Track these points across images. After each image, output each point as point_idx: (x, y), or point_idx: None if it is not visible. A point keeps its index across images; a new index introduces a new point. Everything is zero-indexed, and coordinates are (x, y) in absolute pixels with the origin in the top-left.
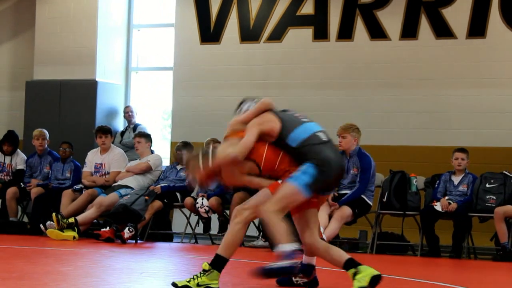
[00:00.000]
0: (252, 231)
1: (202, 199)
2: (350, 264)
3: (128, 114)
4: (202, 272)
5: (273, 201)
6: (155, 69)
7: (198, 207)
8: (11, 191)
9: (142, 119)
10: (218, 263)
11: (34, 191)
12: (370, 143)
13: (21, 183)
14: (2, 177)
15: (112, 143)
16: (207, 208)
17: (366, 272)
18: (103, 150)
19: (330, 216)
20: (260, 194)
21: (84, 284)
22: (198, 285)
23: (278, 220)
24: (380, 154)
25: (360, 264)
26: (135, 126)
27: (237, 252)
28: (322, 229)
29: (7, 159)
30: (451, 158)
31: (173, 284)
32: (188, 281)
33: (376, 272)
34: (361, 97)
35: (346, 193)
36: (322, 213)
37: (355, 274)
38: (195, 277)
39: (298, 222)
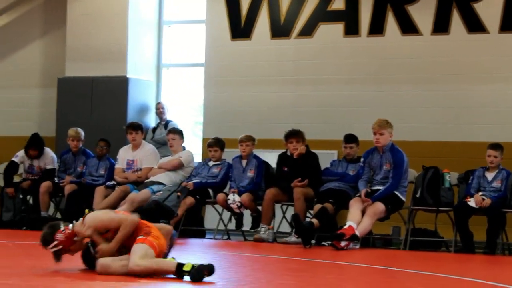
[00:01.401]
0: (285, 227)
1: (234, 195)
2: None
3: (159, 110)
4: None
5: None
6: (186, 66)
7: (230, 203)
8: (44, 185)
9: (173, 116)
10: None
11: (68, 188)
12: (403, 139)
13: (55, 179)
14: (32, 177)
15: (144, 139)
16: (239, 204)
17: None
18: (135, 146)
19: (363, 212)
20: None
21: (116, 278)
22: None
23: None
24: (412, 150)
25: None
26: (167, 123)
27: (270, 248)
28: (355, 225)
29: (35, 161)
30: (486, 153)
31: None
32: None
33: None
34: (393, 93)
35: (379, 189)
36: (355, 209)
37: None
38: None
39: None
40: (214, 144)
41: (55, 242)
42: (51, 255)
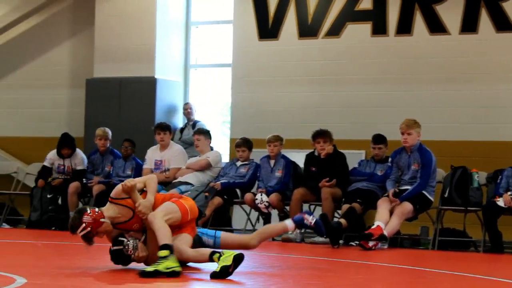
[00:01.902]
0: None
1: (261, 194)
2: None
3: (187, 111)
4: (163, 258)
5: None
6: (214, 66)
7: (258, 203)
8: (73, 185)
9: (201, 116)
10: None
11: (96, 188)
12: (431, 138)
13: (83, 179)
14: (63, 177)
15: (171, 140)
16: (267, 204)
17: (229, 253)
18: (162, 146)
19: (391, 212)
20: None
21: (149, 279)
22: (167, 268)
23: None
24: (441, 150)
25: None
26: (194, 123)
27: (298, 248)
28: (383, 225)
29: (66, 161)
30: None
31: (142, 273)
32: (155, 267)
33: (237, 252)
34: (420, 92)
35: (407, 189)
36: (383, 209)
37: (219, 257)
38: (159, 262)
39: None
40: (242, 144)
41: (83, 225)
42: (82, 240)
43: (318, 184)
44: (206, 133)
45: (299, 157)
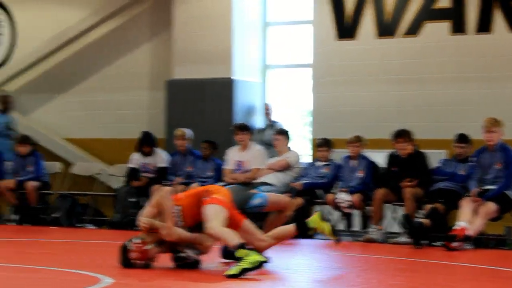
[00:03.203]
0: (395, 227)
1: (343, 193)
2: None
3: (266, 111)
4: (242, 258)
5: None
6: (292, 67)
7: (339, 202)
8: (156, 188)
9: (280, 117)
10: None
11: (178, 189)
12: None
13: (165, 181)
14: (146, 175)
15: (251, 140)
16: (348, 203)
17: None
18: (243, 147)
19: (474, 212)
20: None
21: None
22: (251, 263)
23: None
24: None
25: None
26: (273, 124)
27: (380, 249)
28: (466, 226)
29: (148, 159)
30: None
31: (229, 275)
32: (241, 266)
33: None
34: (502, 91)
35: (489, 189)
36: (466, 209)
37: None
38: (242, 262)
39: None
40: (322, 145)
41: (135, 261)
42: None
43: (400, 184)
44: (285, 133)
45: (379, 157)
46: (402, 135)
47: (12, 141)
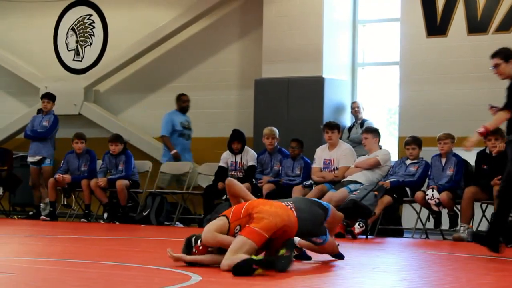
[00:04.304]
0: (484, 226)
1: (433, 190)
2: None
3: (355, 109)
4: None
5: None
6: (381, 64)
7: (429, 199)
8: (244, 187)
9: (369, 115)
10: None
11: (266, 187)
12: None
13: (253, 179)
14: (236, 174)
15: (340, 139)
16: (437, 200)
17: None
18: (331, 145)
19: None
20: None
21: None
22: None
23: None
24: None
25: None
26: (362, 122)
27: (470, 247)
28: None
29: (238, 157)
30: None
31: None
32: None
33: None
34: None
35: None
36: None
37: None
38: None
39: None
40: (411, 142)
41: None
42: None
43: (490, 182)
44: (374, 132)
45: (469, 155)
46: (493, 132)
47: (189, 141)
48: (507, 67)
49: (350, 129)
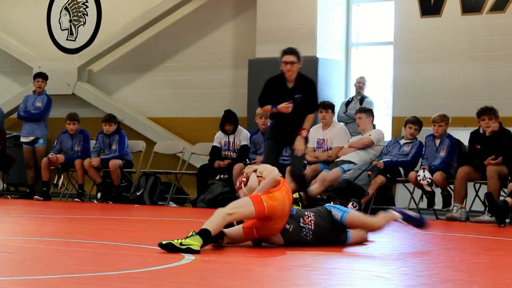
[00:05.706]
0: (478, 206)
1: (424, 171)
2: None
3: (359, 84)
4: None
5: None
6: (375, 44)
7: (420, 179)
8: (238, 167)
9: (369, 92)
10: (203, 233)
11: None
12: None
13: (246, 159)
14: (229, 153)
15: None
16: (429, 180)
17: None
18: (325, 125)
19: None
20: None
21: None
22: (181, 244)
23: None
24: None
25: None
26: (362, 98)
27: (463, 227)
28: None
29: (231, 137)
30: None
31: (159, 244)
32: (172, 241)
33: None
34: None
35: None
36: None
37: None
38: (178, 239)
39: None
40: (415, 123)
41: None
42: None
43: (483, 162)
44: (367, 111)
45: (463, 135)
46: (487, 112)
47: None
48: None
49: (347, 103)
